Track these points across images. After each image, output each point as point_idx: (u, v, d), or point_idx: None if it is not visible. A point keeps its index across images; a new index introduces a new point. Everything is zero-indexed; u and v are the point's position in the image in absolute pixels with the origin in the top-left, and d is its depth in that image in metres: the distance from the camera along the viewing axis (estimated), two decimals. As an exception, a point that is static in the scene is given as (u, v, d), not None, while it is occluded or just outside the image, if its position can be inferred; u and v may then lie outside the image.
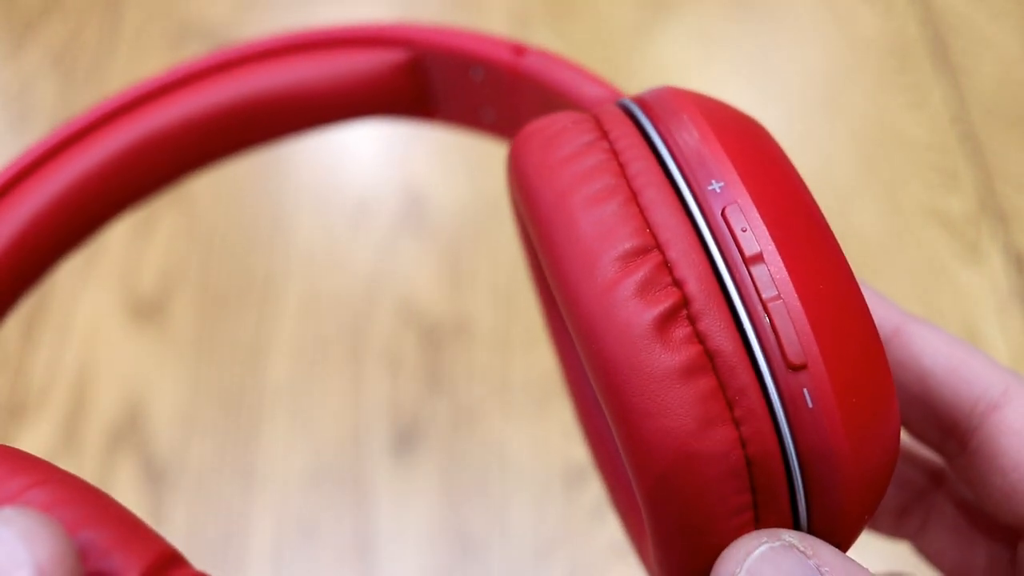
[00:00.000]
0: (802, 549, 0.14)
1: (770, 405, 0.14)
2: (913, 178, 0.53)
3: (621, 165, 0.16)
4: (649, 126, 0.16)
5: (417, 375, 0.48)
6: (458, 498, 0.45)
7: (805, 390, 0.14)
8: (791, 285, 0.14)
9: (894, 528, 0.22)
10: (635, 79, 0.57)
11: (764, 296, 0.14)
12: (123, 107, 0.22)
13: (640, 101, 0.17)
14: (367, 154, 0.56)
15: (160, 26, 0.61)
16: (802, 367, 0.14)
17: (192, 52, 0.60)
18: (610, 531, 0.44)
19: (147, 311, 0.50)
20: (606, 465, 0.23)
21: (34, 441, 0.47)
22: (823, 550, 0.14)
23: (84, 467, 0.46)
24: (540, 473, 0.45)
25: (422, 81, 0.23)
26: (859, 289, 0.15)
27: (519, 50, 0.21)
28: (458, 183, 0.54)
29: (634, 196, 0.15)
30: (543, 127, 0.17)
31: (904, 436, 0.20)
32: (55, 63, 0.60)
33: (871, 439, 0.14)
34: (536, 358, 0.48)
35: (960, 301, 0.49)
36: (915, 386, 0.19)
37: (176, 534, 0.44)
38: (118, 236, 0.53)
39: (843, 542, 0.15)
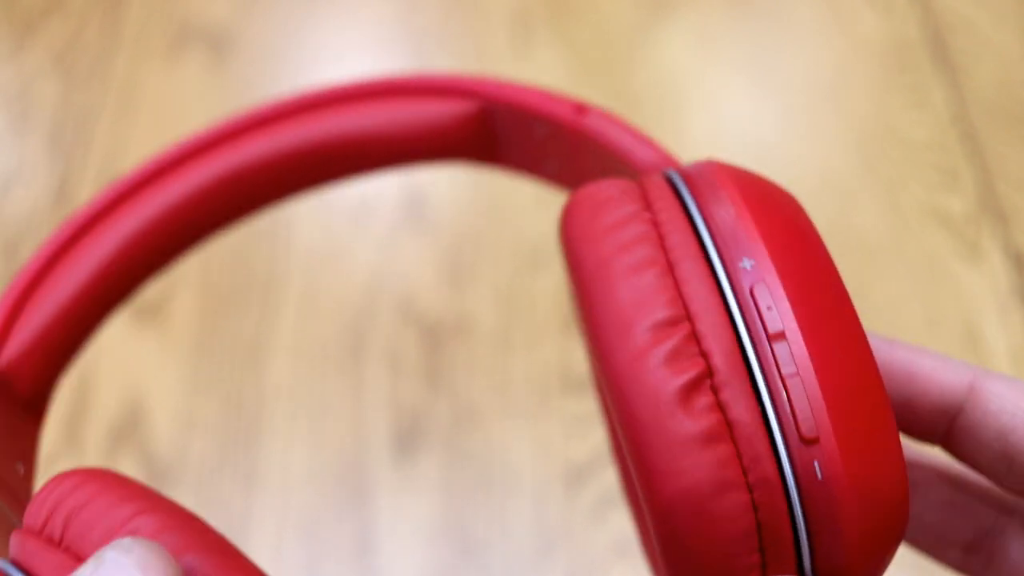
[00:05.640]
0: None
1: (782, 475, 0.15)
2: (913, 178, 0.53)
3: (661, 236, 0.17)
4: (690, 200, 0.17)
5: (418, 374, 0.48)
6: (458, 497, 0.45)
7: (816, 463, 0.15)
8: (809, 363, 0.15)
9: (962, 562, 0.22)
10: (635, 79, 0.58)
11: (783, 372, 0.15)
12: (205, 144, 0.24)
13: (684, 174, 0.18)
14: (367, 154, 0.56)
15: (160, 26, 0.61)
16: (814, 441, 0.15)
17: (193, 52, 0.60)
18: (610, 531, 0.44)
19: (148, 310, 0.50)
20: (637, 510, 0.25)
21: (35, 440, 0.47)
22: None
23: (85, 466, 0.46)
24: (540, 473, 0.45)
25: (490, 130, 0.24)
26: (874, 361, 0.16)
27: (581, 109, 0.23)
28: (459, 181, 0.54)
29: (670, 268, 0.16)
30: (592, 194, 0.18)
31: (978, 475, 0.20)
32: (56, 63, 0.60)
33: (878, 508, 0.16)
34: (536, 358, 0.48)
35: (960, 301, 0.49)
36: (995, 444, 0.19)
37: (177, 533, 0.44)
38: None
39: None
